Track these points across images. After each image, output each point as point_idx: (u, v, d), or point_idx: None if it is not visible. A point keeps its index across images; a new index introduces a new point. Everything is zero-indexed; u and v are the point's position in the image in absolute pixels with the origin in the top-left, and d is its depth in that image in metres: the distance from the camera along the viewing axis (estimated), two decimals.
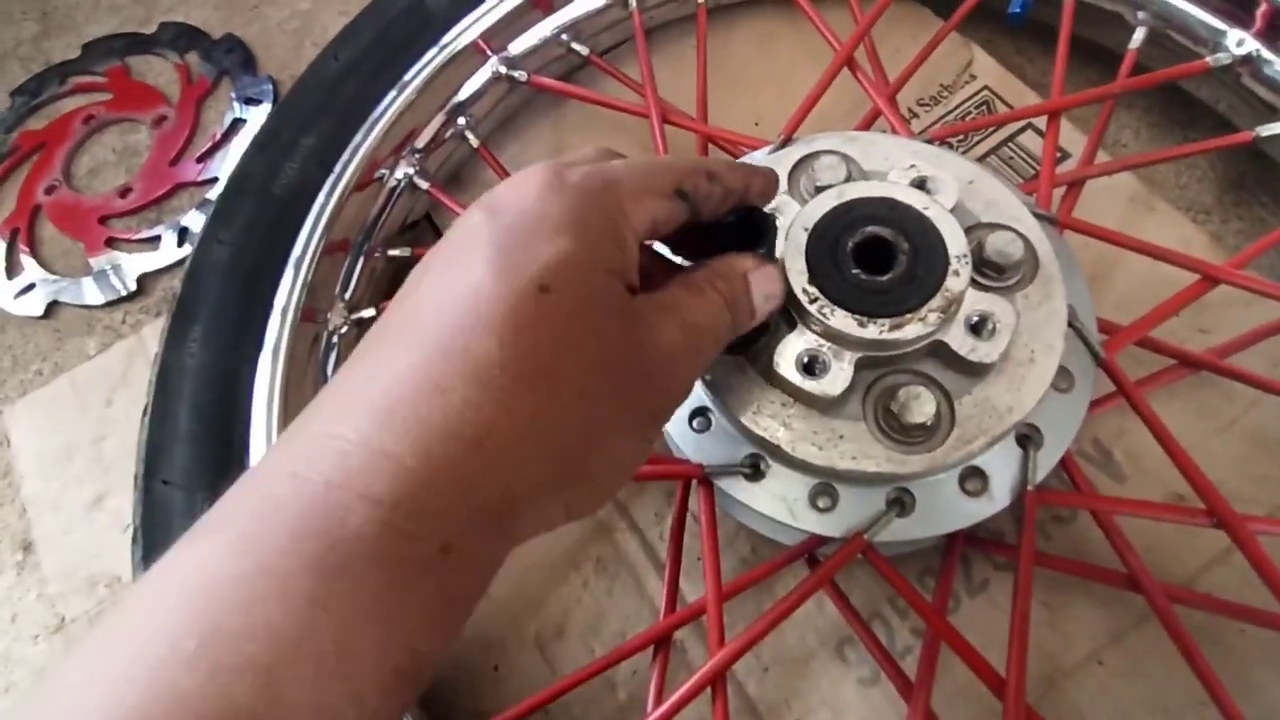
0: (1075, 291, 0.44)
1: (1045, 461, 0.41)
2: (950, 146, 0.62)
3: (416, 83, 0.60)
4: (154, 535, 0.47)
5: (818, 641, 0.49)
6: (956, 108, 0.65)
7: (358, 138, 0.58)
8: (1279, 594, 0.39)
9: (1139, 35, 0.58)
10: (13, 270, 0.77)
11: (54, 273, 0.76)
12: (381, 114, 0.59)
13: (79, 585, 0.60)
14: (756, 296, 0.35)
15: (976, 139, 0.63)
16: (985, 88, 0.65)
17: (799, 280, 0.37)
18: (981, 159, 0.62)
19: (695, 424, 0.44)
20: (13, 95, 0.88)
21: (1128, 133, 0.65)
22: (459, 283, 0.26)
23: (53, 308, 0.75)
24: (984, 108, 0.65)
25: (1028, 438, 0.41)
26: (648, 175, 0.31)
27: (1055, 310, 0.40)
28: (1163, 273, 0.49)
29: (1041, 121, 0.62)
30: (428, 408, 0.24)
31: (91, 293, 0.74)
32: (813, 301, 0.37)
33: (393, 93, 0.60)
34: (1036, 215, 0.43)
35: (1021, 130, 0.63)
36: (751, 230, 0.36)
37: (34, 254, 0.78)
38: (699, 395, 0.43)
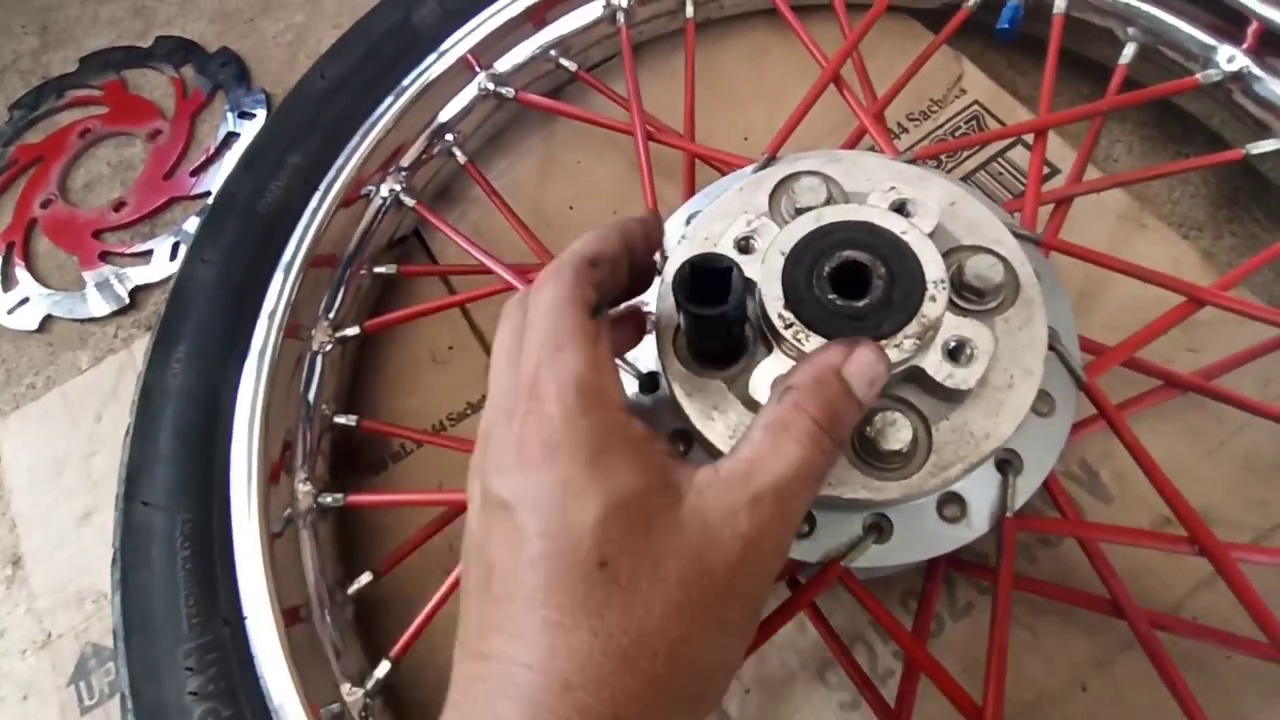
0: (1058, 313, 0.43)
1: (1025, 487, 0.40)
2: (939, 163, 0.61)
3: (403, 99, 0.61)
4: (133, 557, 0.46)
5: (799, 664, 0.48)
6: (946, 122, 0.65)
7: (344, 155, 0.58)
8: (1262, 622, 0.39)
9: (1129, 51, 0.57)
10: (8, 284, 0.77)
11: (49, 287, 0.77)
12: (368, 131, 0.59)
13: (67, 601, 0.60)
14: (859, 388, 0.31)
15: (965, 155, 0.63)
16: (975, 102, 0.65)
17: (775, 305, 0.37)
18: (970, 175, 0.62)
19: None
20: (11, 109, 0.89)
21: (1119, 147, 0.65)
22: (525, 584, 0.27)
23: (46, 321, 0.75)
24: (974, 123, 0.64)
25: (1007, 463, 0.40)
26: (572, 330, 0.30)
27: (1036, 334, 0.39)
28: (1153, 290, 0.48)
29: (1031, 137, 0.61)
30: (564, 708, 0.25)
31: (95, 302, 0.74)
32: (788, 326, 0.37)
33: (379, 110, 0.60)
34: (1019, 236, 0.42)
35: (1011, 145, 0.62)
36: (711, 277, 0.34)
37: (29, 268, 0.78)
38: (678, 417, 0.43)
